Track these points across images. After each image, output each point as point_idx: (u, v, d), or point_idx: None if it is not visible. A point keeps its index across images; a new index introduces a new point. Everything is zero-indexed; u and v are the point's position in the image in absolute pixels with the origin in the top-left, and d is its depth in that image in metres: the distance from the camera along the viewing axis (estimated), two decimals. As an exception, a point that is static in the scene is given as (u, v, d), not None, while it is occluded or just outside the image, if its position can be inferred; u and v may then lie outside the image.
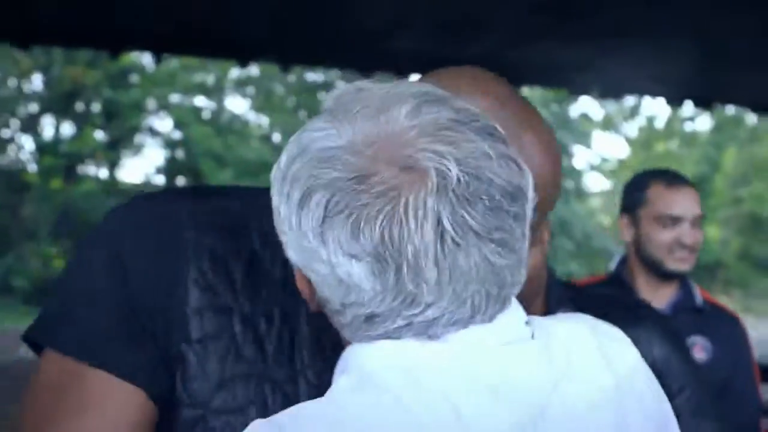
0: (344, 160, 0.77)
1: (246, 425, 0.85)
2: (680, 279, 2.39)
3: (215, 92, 20.76)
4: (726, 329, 2.35)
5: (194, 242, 1.00)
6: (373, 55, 8.08)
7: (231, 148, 18.81)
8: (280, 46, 7.72)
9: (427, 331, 0.79)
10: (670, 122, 27.45)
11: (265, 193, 0.95)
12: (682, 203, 2.25)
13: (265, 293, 1.02)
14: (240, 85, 20.85)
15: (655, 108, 33.00)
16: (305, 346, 1.02)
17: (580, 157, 23.88)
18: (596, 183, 37.53)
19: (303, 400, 0.93)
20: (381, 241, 0.74)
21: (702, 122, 28.03)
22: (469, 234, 0.75)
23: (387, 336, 0.80)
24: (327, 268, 0.78)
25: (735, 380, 2.19)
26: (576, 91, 10.51)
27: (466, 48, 7.50)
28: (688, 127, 27.86)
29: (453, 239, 0.75)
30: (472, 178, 0.76)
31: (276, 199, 0.83)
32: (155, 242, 1.00)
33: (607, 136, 28.40)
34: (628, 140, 28.26)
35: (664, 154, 26.78)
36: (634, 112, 27.09)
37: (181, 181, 19.70)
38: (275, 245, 0.91)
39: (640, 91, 11.05)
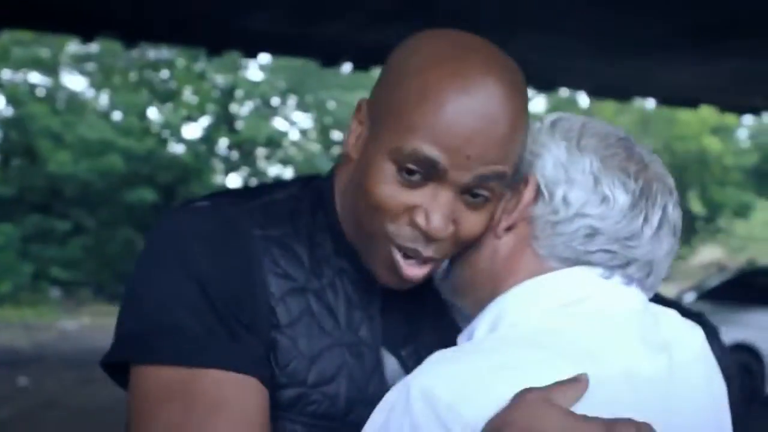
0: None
1: (338, 392, 1.07)
2: None
3: (51, 68, 19.92)
4: None
5: (261, 237, 1.08)
6: (224, 33, 7.99)
7: (70, 127, 18.12)
8: (125, 21, 7.52)
9: (616, 270, 1.06)
10: (508, 103, 28.36)
11: (299, 182, 1.18)
12: None
13: (325, 268, 1.12)
14: (78, 61, 20.10)
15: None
16: (361, 308, 1.14)
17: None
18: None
19: (367, 360, 1.13)
20: (642, 189, 1.06)
21: (538, 104, 29.11)
22: (670, 224, 1.09)
23: (586, 260, 1.06)
24: (591, 181, 1.06)
25: None
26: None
27: (318, 29, 7.54)
28: (526, 108, 28.87)
29: (667, 222, 1.08)
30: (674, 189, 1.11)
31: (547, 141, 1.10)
32: (225, 245, 1.06)
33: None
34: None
35: (503, 135, 27.68)
36: (475, 93, 27.84)
37: (16, 161, 18.83)
38: (323, 225, 1.13)
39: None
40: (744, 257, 21.46)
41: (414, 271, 1.06)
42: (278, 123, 21.61)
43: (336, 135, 21.52)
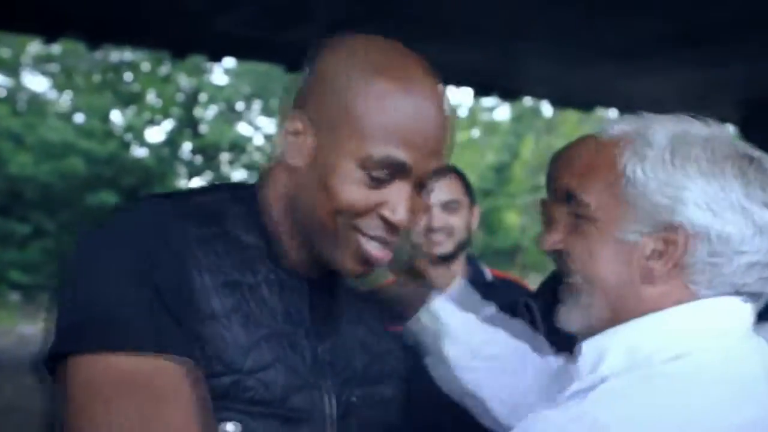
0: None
1: (274, 379, 1.12)
2: (467, 260, 2.53)
3: (12, 69, 19.70)
4: (515, 295, 2.51)
5: (195, 234, 1.14)
6: (189, 36, 7.95)
7: (31, 129, 17.92)
8: (90, 22, 7.46)
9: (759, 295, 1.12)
10: (472, 111, 28.48)
11: (226, 188, 1.25)
12: (429, 190, 2.35)
13: (259, 266, 1.18)
14: (40, 61, 19.89)
15: (459, 97, 34.18)
16: (293, 305, 1.20)
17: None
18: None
19: (306, 354, 1.18)
20: None
21: (502, 112, 29.28)
22: None
23: (743, 291, 1.09)
24: (740, 215, 1.06)
25: None
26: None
27: (284, 34, 7.52)
28: (490, 116, 29.02)
29: None
30: None
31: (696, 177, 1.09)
32: (159, 240, 1.10)
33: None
34: (434, 128, 29.07)
35: (466, 142, 27.76)
36: (439, 100, 27.89)
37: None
38: (253, 228, 1.19)
39: (450, 81, 11.44)
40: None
41: (381, 254, 1.17)
42: (243, 128, 21.56)
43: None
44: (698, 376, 1.03)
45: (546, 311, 1.74)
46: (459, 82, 11.29)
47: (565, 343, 1.39)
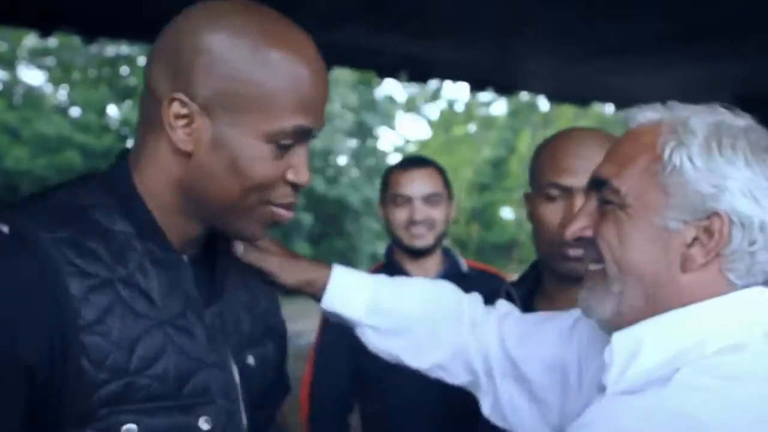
0: None
1: (165, 369, 1.09)
2: (443, 252, 2.57)
3: (8, 63, 19.68)
4: (492, 286, 2.55)
5: (51, 240, 1.07)
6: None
7: (27, 123, 17.91)
8: (84, 16, 7.45)
9: None
10: (469, 106, 28.48)
11: (78, 181, 1.18)
12: (411, 183, 2.40)
13: (129, 253, 1.13)
14: (36, 55, 19.87)
15: (456, 92, 34.16)
16: (175, 282, 1.16)
17: (385, 138, 24.36)
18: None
19: (198, 331, 1.15)
20: None
21: (499, 107, 29.29)
22: None
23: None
24: None
25: None
26: (384, 74, 10.76)
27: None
28: (486, 111, 29.04)
29: None
30: None
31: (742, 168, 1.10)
32: (13, 259, 1.05)
33: (410, 117, 29.14)
34: (430, 122, 29.11)
35: (463, 137, 27.78)
36: (435, 95, 27.92)
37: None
38: (120, 213, 1.13)
39: (446, 76, 11.44)
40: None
41: (289, 215, 1.20)
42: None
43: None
44: (763, 366, 1.06)
45: (526, 299, 1.78)
46: (455, 77, 11.30)
47: None
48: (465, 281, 2.47)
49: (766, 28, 7.47)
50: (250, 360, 1.27)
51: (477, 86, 11.71)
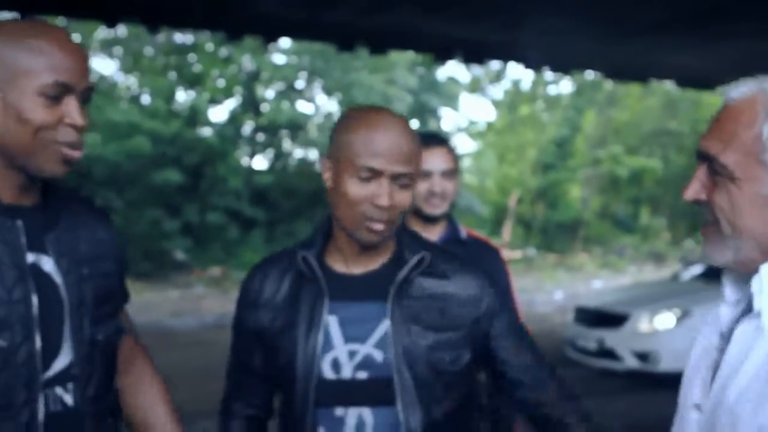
0: None
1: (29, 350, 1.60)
2: (446, 219, 2.86)
3: (81, 53, 20.23)
4: (487, 257, 2.83)
5: None
6: (240, 18, 8.19)
7: (99, 110, 18.45)
8: (147, 6, 7.74)
9: None
10: (534, 86, 28.32)
11: None
12: (430, 160, 2.68)
13: None
14: (107, 45, 20.43)
15: (520, 72, 33.91)
16: (11, 232, 1.62)
17: (448, 119, 24.38)
18: (464, 145, 38.23)
19: (10, 273, 1.59)
20: None
21: (564, 86, 29.06)
22: None
23: None
24: None
25: None
26: (440, 55, 10.87)
27: (330, 13, 7.72)
28: (551, 90, 28.84)
29: None
30: None
31: None
32: None
33: (474, 98, 29.08)
34: (495, 103, 29.03)
35: (528, 117, 27.65)
36: (499, 75, 27.82)
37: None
38: None
39: (503, 57, 11.50)
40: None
41: (76, 154, 1.65)
42: (303, 106, 21.80)
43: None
44: None
45: (319, 257, 1.99)
46: (509, 58, 11.34)
47: None
48: (462, 246, 2.74)
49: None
50: (86, 270, 1.68)
51: (531, 66, 11.76)
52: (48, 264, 1.64)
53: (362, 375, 1.72)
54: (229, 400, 1.96)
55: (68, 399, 1.62)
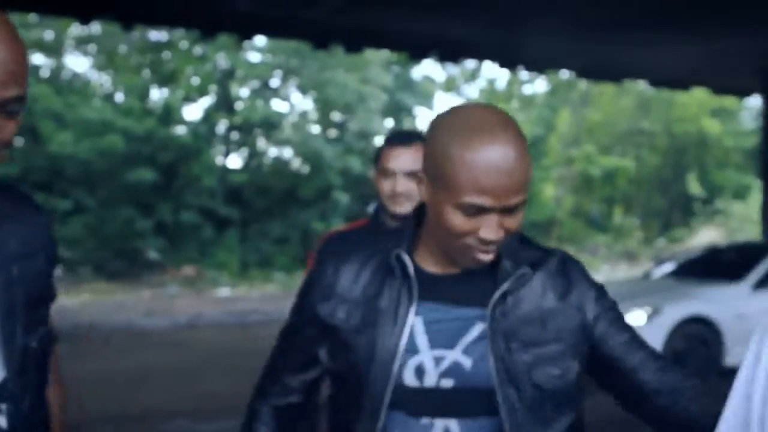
0: None
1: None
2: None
3: (54, 50, 20.11)
4: None
5: None
6: (215, 16, 8.18)
7: (72, 108, 18.33)
8: (122, 4, 7.70)
9: None
10: (509, 85, 28.46)
11: None
12: (396, 159, 2.68)
13: None
14: (81, 43, 20.29)
15: (495, 71, 34.03)
16: None
17: (423, 118, 24.45)
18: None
19: None
20: None
21: (539, 85, 29.21)
22: None
23: None
24: None
25: None
26: (416, 54, 10.91)
27: (304, 12, 7.73)
28: (526, 90, 29.00)
29: None
30: None
31: None
32: None
33: (449, 98, 29.17)
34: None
35: (503, 116, 27.72)
36: (475, 74, 27.92)
37: (19, 141, 19.05)
38: None
39: (478, 56, 11.55)
40: (741, 239, 21.60)
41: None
42: (277, 104, 21.77)
43: (336, 117, 21.65)
44: None
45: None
46: (484, 57, 11.39)
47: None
48: None
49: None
50: (15, 269, 1.51)
51: (506, 65, 11.82)
52: None
53: (448, 383, 1.58)
54: (267, 382, 1.79)
55: (2, 421, 1.45)
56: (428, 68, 32.60)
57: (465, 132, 1.47)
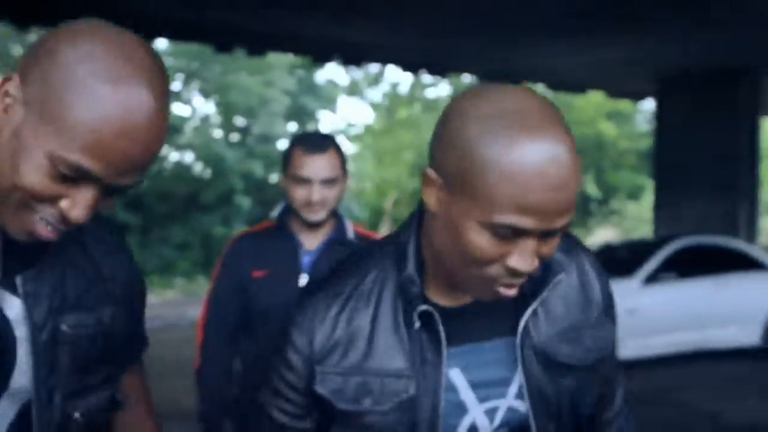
0: None
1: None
2: (334, 218, 2.76)
3: (-58, 51, 19.42)
4: None
5: None
6: (116, 18, 8.01)
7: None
8: (18, 5, 7.51)
9: None
10: (412, 89, 28.65)
11: None
12: (311, 166, 2.57)
13: None
14: (-29, 44, 19.62)
15: (399, 75, 34.27)
16: None
17: (326, 122, 24.46)
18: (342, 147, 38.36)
19: None
20: None
21: (443, 89, 29.49)
22: None
23: None
24: None
25: None
26: (319, 58, 10.92)
27: (209, 14, 7.65)
28: (429, 93, 29.24)
29: None
30: None
31: None
32: None
33: (352, 101, 29.17)
34: (373, 105, 29.23)
35: (406, 120, 27.95)
36: (378, 78, 28.03)
37: None
38: None
39: (381, 60, 11.63)
40: (636, 237, 22.25)
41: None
42: (179, 108, 21.46)
43: (238, 120, 21.47)
44: None
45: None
46: (387, 61, 11.48)
47: None
48: (348, 246, 2.69)
49: (678, 9, 7.74)
50: (66, 326, 1.23)
51: (409, 69, 11.93)
52: (14, 308, 1.19)
53: None
54: None
55: None
56: (332, 72, 32.65)
57: (502, 128, 1.08)
